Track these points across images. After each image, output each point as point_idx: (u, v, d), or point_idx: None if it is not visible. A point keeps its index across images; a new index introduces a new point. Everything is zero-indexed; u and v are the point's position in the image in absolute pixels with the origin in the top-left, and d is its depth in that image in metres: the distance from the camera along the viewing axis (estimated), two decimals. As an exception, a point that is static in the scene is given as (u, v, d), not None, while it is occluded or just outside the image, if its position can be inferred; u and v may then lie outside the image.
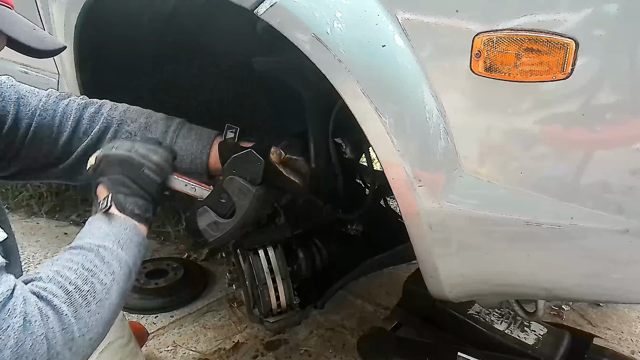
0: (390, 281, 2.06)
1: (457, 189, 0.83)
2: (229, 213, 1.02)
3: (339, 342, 1.75)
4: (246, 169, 1.00)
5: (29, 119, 0.99)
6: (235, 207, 1.01)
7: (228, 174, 1.01)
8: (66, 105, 1.03)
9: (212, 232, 1.04)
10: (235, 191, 1.01)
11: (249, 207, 1.00)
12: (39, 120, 1.00)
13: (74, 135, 1.02)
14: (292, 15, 0.83)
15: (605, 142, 0.73)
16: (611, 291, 0.83)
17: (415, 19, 0.78)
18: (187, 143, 1.05)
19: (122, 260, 0.81)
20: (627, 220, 0.73)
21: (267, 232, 1.24)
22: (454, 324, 1.48)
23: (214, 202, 1.02)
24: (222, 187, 1.01)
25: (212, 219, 1.03)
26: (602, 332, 1.83)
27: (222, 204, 1.02)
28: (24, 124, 0.99)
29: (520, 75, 0.72)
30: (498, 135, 0.79)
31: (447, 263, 0.90)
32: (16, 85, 1.01)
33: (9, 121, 0.97)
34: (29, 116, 0.99)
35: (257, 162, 0.99)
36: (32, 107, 1.00)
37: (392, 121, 0.81)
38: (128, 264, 0.82)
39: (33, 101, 1.01)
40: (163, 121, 1.06)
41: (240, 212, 1.01)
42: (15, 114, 0.98)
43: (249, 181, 1.00)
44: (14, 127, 0.98)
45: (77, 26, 1.25)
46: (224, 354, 1.69)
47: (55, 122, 1.01)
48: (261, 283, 1.22)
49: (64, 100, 1.04)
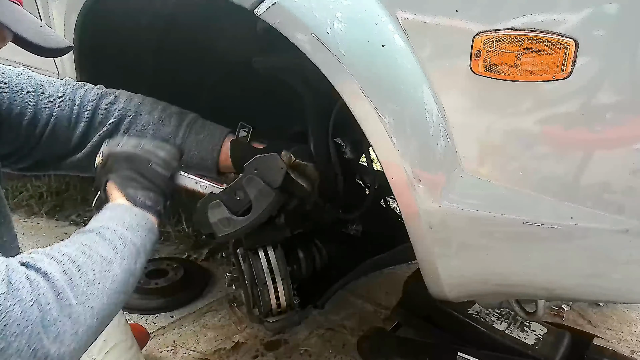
0: (390, 281, 2.06)
1: (457, 189, 0.82)
2: (243, 211, 1.03)
3: (339, 342, 1.75)
4: (267, 172, 1.01)
5: (49, 110, 1.00)
6: (250, 206, 1.02)
7: (249, 173, 1.02)
8: (83, 95, 1.04)
9: (222, 228, 1.04)
10: (254, 191, 1.01)
11: (266, 208, 1.02)
12: (58, 111, 1.01)
13: (90, 126, 1.03)
14: (292, 15, 0.83)
15: (605, 142, 0.73)
16: (611, 291, 0.83)
17: (415, 18, 0.78)
18: (199, 139, 1.07)
19: (127, 239, 0.79)
20: (627, 220, 0.73)
21: (267, 232, 1.24)
22: (454, 324, 1.48)
23: (228, 198, 1.03)
24: (240, 184, 1.02)
25: (224, 215, 1.03)
26: (602, 332, 1.83)
27: (237, 201, 1.02)
28: (44, 115, 1.00)
29: (520, 75, 0.72)
30: (498, 135, 0.79)
31: (447, 263, 0.90)
32: (33, 76, 1.02)
33: (30, 112, 0.98)
34: (49, 107, 1.00)
35: (279, 166, 1.00)
36: (51, 98, 1.01)
37: (392, 121, 0.81)
38: (134, 243, 0.80)
39: (52, 91, 1.01)
40: (177, 115, 1.07)
41: (256, 213, 1.02)
42: (35, 105, 0.99)
43: (268, 183, 1.01)
44: (35, 118, 0.99)
45: (77, 26, 1.25)
46: (224, 354, 1.69)
47: (74, 113, 1.02)
48: (261, 283, 1.22)
49: (81, 90, 1.05)
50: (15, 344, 0.57)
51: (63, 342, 0.62)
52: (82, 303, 0.66)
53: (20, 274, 0.61)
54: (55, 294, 0.63)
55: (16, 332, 0.57)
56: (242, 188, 1.02)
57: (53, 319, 0.61)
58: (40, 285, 0.62)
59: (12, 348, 0.57)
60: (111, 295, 0.72)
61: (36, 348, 0.59)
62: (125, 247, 0.78)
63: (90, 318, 0.67)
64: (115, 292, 0.73)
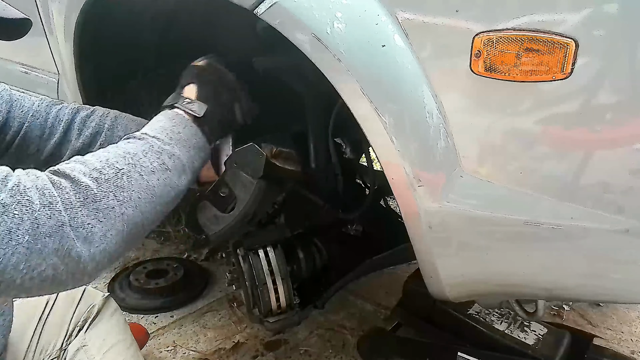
0: (390, 281, 2.06)
1: (457, 189, 0.82)
2: (230, 207, 1.02)
3: (339, 342, 1.75)
4: (248, 163, 1.00)
5: (21, 119, 1.00)
6: (236, 201, 1.01)
7: (229, 168, 1.01)
8: (59, 110, 1.04)
9: (211, 226, 1.04)
10: (237, 184, 1.00)
11: (250, 200, 1.00)
12: (31, 121, 1.00)
13: (65, 137, 1.03)
14: (292, 15, 0.83)
15: (605, 142, 0.73)
16: (611, 291, 0.83)
17: (415, 18, 0.78)
18: None
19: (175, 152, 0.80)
20: (627, 220, 0.73)
21: (267, 232, 1.24)
22: (454, 324, 1.48)
23: (214, 197, 1.02)
24: (223, 181, 1.02)
25: (212, 213, 1.03)
26: (602, 332, 1.83)
27: (222, 198, 1.02)
28: (16, 123, 0.99)
29: (520, 75, 0.72)
30: (498, 135, 0.79)
31: (447, 263, 0.90)
32: (10, 89, 1.02)
33: (1, 118, 0.97)
34: (21, 116, 1.00)
35: (258, 155, 0.99)
36: (26, 109, 1.00)
37: (392, 121, 0.81)
38: (181, 158, 0.81)
39: (27, 103, 1.01)
40: None
41: (241, 205, 1.01)
42: (7, 113, 0.98)
43: (250, 175, 1.00)
44: (5, 126, 0.98)
45: (77, 26, 1.25)
46: (224, 354, 1.69)
47: (48, 124, 1.02)
48: (261, 283, 1.22)
49: (57, 105, 1.05)
50: (50, 243, 0.62)
51: (92, 242, 0.66)
52: (113, 208, 0.69)
53: (45, 180, 0.65)
54: (82, 197, 0.66)
55: (49, 233, 0.62)
56: (225, 184, 1.01)
57: (82, 221, 0.65)
58: (66, 190, 0.65)
59: (48, 247, 0.61)
60: (146, 204, 0.73)
61: (69, 247, 0.64)
62: (171, 159, 0.79)
63: (119, 223, 0.69)
64: (150, 202, 0.74)
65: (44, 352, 1.09)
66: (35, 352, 1.08)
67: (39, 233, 0.61)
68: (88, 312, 1.13)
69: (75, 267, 0.65)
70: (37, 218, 0.61)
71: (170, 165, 0.79)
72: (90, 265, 0.67)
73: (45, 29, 1.49)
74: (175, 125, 0.86)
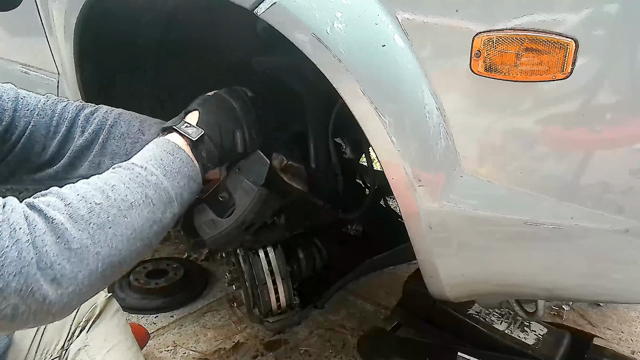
0: (390, 281, 2.06)
1: (457, 189, 0.82)
2: (228, 213, 1.00)
3: (339, 342, 1.75)
4: (250, 169, 0.98)
5: (27, 118, 0.99)
6: (235, 207, 0.99)
7: (231, 172, 1.00)
8: (64, 107, 1.03)
9: (207, 230, 1.01)
10: (237, 190, 0.98)
11: (249, 206, 0.98)
12: (37, 119, 1.00)
13: (69, 134, 1.02)
14: (292, 15, 0.83)
15: (605, 142, 0.73)
16: (611, 291, 0.83)
17: (415, 18, 0.78)
18: None
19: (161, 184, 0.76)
20: (627, 220, 0.73)
21: (267, 232, 1.24)
22: (454, 324, 1.48)
23: (212, 201, 1.00)
24: (224, 185, 1.00)
25: (209, 217, 1.00)
26: (602, 332, 1.83)
27: (221, 203, 0.99)
28: (22, 122, 0.99)
29: (520, 75, 0.72)
30: (498, 135, 0.79)
31: (447, 263, 0.90)
32: (15, 87, 1.02)
33: (7, 118, 0.97)
34: (27, 115, 0.99)
35: (262, 163, 0.97)
36: (31, 107, 1.00)
37: (392, 121, 0.81)
38: (167, 190, 0.77)
39: (32, 101, 1.01)
40: (157, 125, 1.06)
41: (239, 212, 0.98)
42: (13, 112, 0.98)
43: (252, 181, 0.97)
44: (12, 125, 0.98)
45: (77, 26, 1.25)
46: (224, 354, 1.69)
47: (53, 122, 1.01)
48: (261, 283, 1.22)
49: (62, 102, 1.05)
50: (13, 283, 0.58)
51: (61, 284, 0.62)
52: (87, 247, 0.64)
53: (19, 214, 0.61)
54: (54, 236, 0.62)
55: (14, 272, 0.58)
56: (225, 189, 0.99)
57: (50, 261, 0.61)
58: (38, 227, 0.61)
59: (10, 287, 0.58)
60: (123, 241, 0.69)
61: (34, 289, 0.59)
62: (156, 192, 0.75)
63: (93, 263, 0.65)
64: (128, 239, 0.69)
65: (46, 351, 1.09)
66: (38, 351, 1.08)
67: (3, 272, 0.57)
68: (90, 312, 1.14)
69: (39, 308, 0.61)
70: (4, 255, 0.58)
71: (154, 198, 0.74)
72: (56, 307, 0.62)
73: (45, 29, 1.49)
74: (167, 153, 0.82)
